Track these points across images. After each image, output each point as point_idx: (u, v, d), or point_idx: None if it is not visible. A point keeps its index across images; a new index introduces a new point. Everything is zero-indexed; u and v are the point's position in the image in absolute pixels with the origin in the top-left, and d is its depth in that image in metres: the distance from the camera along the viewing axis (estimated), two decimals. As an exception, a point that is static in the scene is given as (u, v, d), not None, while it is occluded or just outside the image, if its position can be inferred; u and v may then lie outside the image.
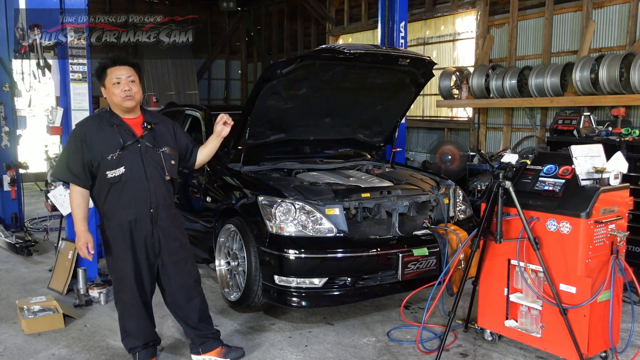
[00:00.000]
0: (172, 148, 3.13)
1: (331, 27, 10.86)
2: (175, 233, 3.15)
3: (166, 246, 3.09)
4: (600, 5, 6.26)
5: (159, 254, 3.09)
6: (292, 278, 3.57)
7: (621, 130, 4.76)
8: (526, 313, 3.41)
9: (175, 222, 3.16)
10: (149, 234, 3.04)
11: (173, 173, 3.13)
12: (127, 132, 3.01)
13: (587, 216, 3.03)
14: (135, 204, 2.99)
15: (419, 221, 4.08)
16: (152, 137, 3.06)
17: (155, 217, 3.04)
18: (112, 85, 2.97)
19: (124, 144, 2.97)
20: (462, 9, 8.08)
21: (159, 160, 3.04)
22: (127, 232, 3.00)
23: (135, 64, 3.08)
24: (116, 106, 3.04)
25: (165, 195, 3.08)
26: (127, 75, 2.98)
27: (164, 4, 12.54)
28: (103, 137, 2.97)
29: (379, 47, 4.66)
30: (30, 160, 6.65)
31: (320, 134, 4.90)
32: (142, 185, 2.99)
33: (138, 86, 3.04)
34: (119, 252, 3.03)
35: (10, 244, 5.81)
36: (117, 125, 3.01)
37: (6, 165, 6.44)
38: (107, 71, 2.99)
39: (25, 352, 3.47)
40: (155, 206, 3.02)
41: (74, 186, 3.01)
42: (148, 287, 3.14)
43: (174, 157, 3.12)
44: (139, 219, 3.01)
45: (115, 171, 2.94)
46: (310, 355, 3.44)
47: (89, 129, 3.01)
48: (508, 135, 7.40)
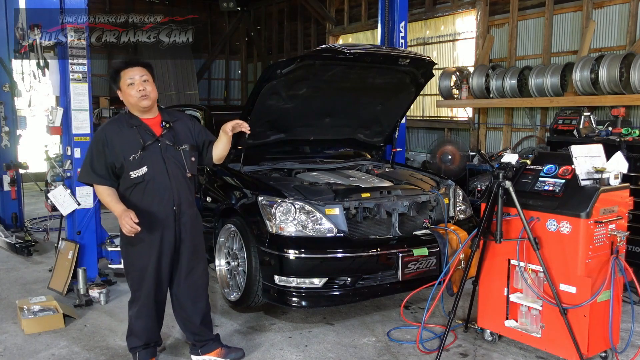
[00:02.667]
0: (192, 145, 3.15)
1: (331, 27, 10.86)
2: (195, 232, 3.17)
3: (185, 244, 3.12)
4: (600, 5, 6.25)
5: (178, 251, 3.11)
6: (292, 278, 3.57)
7: (621, 130, 4.76)
8: (526, 313, 3.41)
9: (196, 221, 3.19)
10: (172, 232, 3.06)
11: (194, 170, 3.15)
12: (147, 132, 3.04)
13: (587, 216, 3.03)
14: (158, 202, 3.01)
15: (419, 221, 4.08)
16: (172, 136, 3.08)
17: (178, 214, 3.06)
18: (127, 86, 2.99)
19: (144, 144, 2.99)
20: (462, 9, 8.07)
21: (179, 158, 3.07)
22: (150, 230, 3.01)
23: (148, 64, 3.09)
24: (133, 107, 3.06)
25: (187, 193, 3.11)
26: (140, 75, 3.00)
27: (164, 4, 12.54)
28: (124, 139, 3.00)
29: (379, 47, 4.67)
30: (30, 160, 6.66)
31: (320, 134, 4.90)
32: (165, 183, 3.02)
33: (152, 85, 3.05)
34: (140, 251, 3.05)
35: (10, 244, 5.81)
36: (137, 126, 3.04)
37: (6, 165, 6.44)
38: (121, 74, 3.01)
39: (25, 352, 3.47)
40: (177, 204, 3.05)
41: (99, 185, 3.02)
42: (165, 286, 3.16)
43: (194, 154, 3.15)
44: (162, 218, 3.02)
45: (138, 171, 2.97)
46: (310, 355, 3.44)
47: (110, 132, 3.03)
48: (508, 135, 7.40)
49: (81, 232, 4.60)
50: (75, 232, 4.61)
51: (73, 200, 4.50)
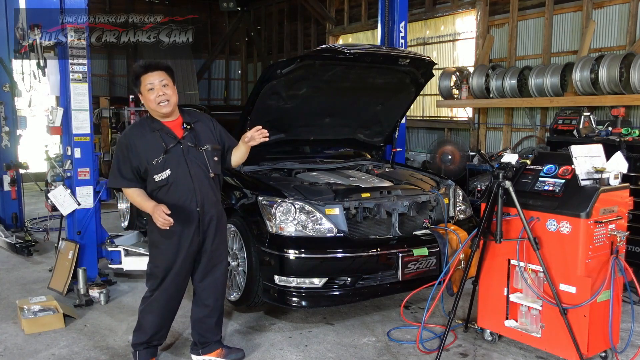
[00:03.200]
0: (214, 145, 3.16)
1: (331, 27, 10.87)
2: (218, 232, 3.18)
3: (208, 243, 3.13)
4: (600, 5, 6.26)
5: (201, 250, 3.12)
6: (292, 278, 3.57)
7: (621, 130, 4.76)
8: (526, 313, 3.41)
9: (220, 221, 3.19)
10: (196, 232, 3.07)
11: (217, 170, 3.16)
12: (169, 135, 3.05)
13: (587, 216, 3.04)
14: (182, 204, 3.02)
15: (419, 221, 4.08)
16: (193, 137, 3.10)
17: (202, 214, 3.07)
18: (147, 92, 3.01)
19: (166, 148, 3.01)
20: (462, 9, 8.08)
21: (201, 159, 3.08)
22: (175, 232, 3.02)
23: (168, 67, 3.08)
24: (154, 111, 3.07)
25: (210, 193, 3.11)
26: (159, 79, 3.00)
27: (164, 4, 12.54)
28: (146, 143, 3.02)
29: (379, 47, 4.67)
30: (31, 160, 6.65)
31: (320, 134, 4.90)
32: (188, 185, 3.03)
33: (173, 89, 3.06)
34: (165, 252, 3.07)
35: (10, 244, 5.81)
36: (159, 130, 3.06)
37: (6, 165, 6.44)
38: (141, 79, 3.02)
39: (25, 352, 3.47)
40: (201, 204, 3.06)
41: (128, 188, 3.06)
42: (183, 285, 3.17)
43: (216, 153, 3.16)
44: (186, 219, 3.04)
45: (162, 174, 3.00)
46: (310, 355, 3.44)
47: (133, 137, 3.06)
48: (508, 135, 7.40)
49: (81, 232, 4.60)
50: (75, 232, 4.61)
51: (73, 200, 4.50)
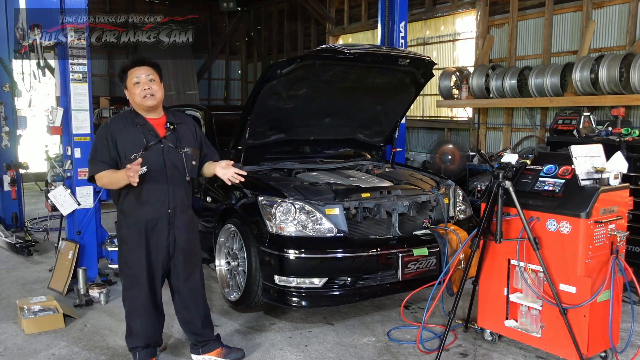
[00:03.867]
0: (194, 148, 3.14)
1: (331, 27, 10.87)
2: (191, 235, 3.16)
3: (181, 248, 3.11)
4: (600, 5, 6.26)
5: (173, 255, 3.11)
6: (292, 278, 3.57)
7: (621, 130, 4.76)
8: (526, 313, 3.41)
9: (191, 224, 3.18)
10: (165, 234, 3.05)
11: (194, 174, 3.15)
12: (151, 133, 3.04)
13: (587, 216, 3.04)
14: (154, 203, 3.00)
15: (419, 221, 4.08)
16: (175, 138, 3.08)
17: (173, 217, 3.05)
18: (133, 85, 3.00)
19: (147, 144, 2.99)
20: (462, 9, 8.08)
21: (180, 161, 3.06)
22: (144, 230, 3.01)
23: (155, 64, 3.08)
24: (138, 106, 3.05)
25: (183, 196, 3.10)
26: (146, 74, 3.00)
27: (164, 4, 12.54)
28: (127, 137, 3.00)
29: (379, 47, 4.67)
30: (31, 160, 6.65)
31: (320, 134, 4.90)
32: (162, 185, 3.01)
33: (159, 85, 3.05)
34: (133, 250, 3.04)
35: (10, 244, 5.81)
36: (141, 125, 3.04)
37: (6, 165, 6.44)
38: (128, 73, 3.01)
39: (25, 352, 3.47)
40: (173, 207, 3.04)
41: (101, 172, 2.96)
42: (159, 288, 3.15)
43: (195, 157, 3.14)
44: (156, 219, 3.02)
45: None
46: (310, 355, 3.44)
47: (116, 127, 3.03)
48: (508, 135, 7.40)
49: (81, 232, 4.60)
50: (75, 232, 4.61)
51: (73, 200, 4.50)
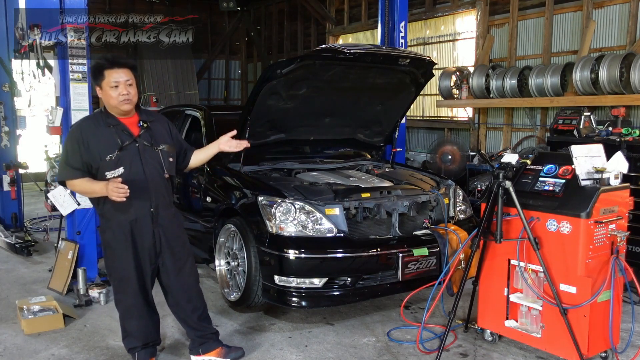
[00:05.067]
0: (170, 145, 3.13)
1: (331, 27, 10.86)
2: (176, 231, 3.15)
3: (167, 245, 3.09)
4: (600, 5, 6.25)
5: (160, 253, 3.09)
6: (292, 278, 3.57)
7: (621, 130, 4.76)
8: (526, 313, 3.41)
9: (175, 220, 3.17)
10: (150, 233, 3.04)
11: (172, 170, 3.13)
12: (124, 132, 3.00)
13: (587, 216, 3.03)
14: (136, 204, 2.97)
15: (419, 221, 4.08)
16: (149, 136, 3.06)
17: (156, 216, 3.04)
18: (110, 88, 2.94)
19: (122, 144, 2.96)
20: (462, 9, 8.07)
21: (157, 159, 3.04)
22: (128, 232, 2.99)
23: (134, 66, 3.05)
24: (113, 108, 3.01)
25: (164, 194, 3.08)
26: (125, 79, 2.94)
27: (164, 4, 12.53)
28: (100, 138, 2.96)
29: (379, 47, 4.66)
30: (30, 160, 6.66)
31: (320, 134, 4.89)
32: (142, 184, 2.98)
33: (135, 89, 3.02)
34: (120, 253, 3.03)
35: (10, 244, 5.80)
36: (114, 125, 3.00)
37: (6, 165, 6.44)
38: (105, 73, 2.94)
39: (25, 352, 3.47)
40: (155, 205, 3.03)
41: (74, 180, 2.95)
42: (150, 287, 3.14)
43: (172, 154, 3.12)
44: (140, 219, 3.00)
45: (115, 172, 2.93)
46: (310, 355, 3.44)
47: (86, 130, 2.98)
48: (508, 135, 7.39)
49: (81, 232, 4.59)
50: (75, 232, 4.61)
51: (73, 200, 4.50)
